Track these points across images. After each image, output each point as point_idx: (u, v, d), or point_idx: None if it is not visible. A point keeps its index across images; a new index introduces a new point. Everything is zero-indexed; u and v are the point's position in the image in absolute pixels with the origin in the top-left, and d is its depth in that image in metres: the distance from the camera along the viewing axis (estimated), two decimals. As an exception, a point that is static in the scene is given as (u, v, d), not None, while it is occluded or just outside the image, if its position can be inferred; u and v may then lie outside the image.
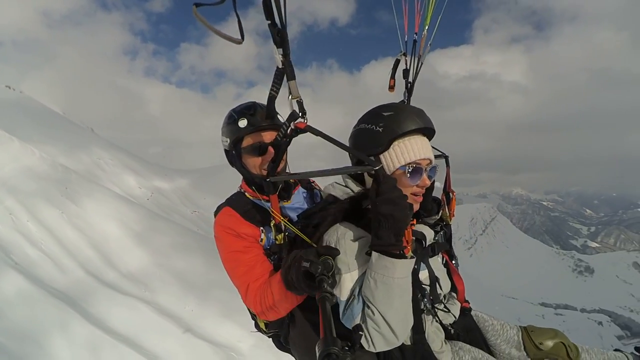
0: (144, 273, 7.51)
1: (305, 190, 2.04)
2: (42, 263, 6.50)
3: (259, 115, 1.79)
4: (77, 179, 10.49)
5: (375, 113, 1.56)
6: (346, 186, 1.59)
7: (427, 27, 2.02)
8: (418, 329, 1.55)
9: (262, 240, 1.78)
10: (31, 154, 10.32)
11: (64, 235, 7.43)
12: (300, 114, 1.36)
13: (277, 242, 1.76)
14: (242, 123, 1.77)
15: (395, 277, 1.28)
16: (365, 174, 1.57)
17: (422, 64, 2.07)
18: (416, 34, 2.06)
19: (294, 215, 1.84)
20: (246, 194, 1.90)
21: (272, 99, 1.40)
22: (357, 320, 1.34)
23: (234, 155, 1.88)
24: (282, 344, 2.07)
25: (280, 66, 1.27)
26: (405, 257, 1.31)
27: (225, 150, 1.92)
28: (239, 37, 1.20)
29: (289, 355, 2.12)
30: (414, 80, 2.08)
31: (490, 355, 1.74)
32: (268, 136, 1.81)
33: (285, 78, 1.30)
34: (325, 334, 0.92)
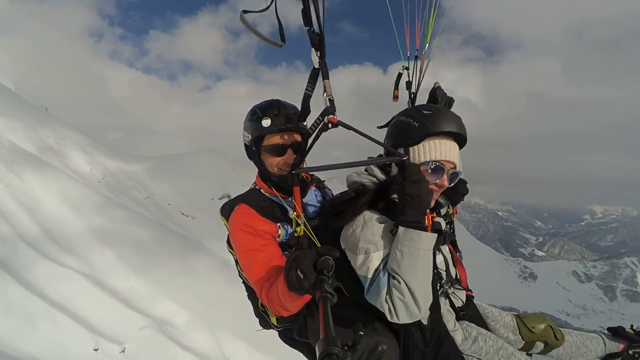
0: (84, 248, 7.73)
1: (317, 190, 2.08)
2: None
3: (282, 116, 1.79)
4: (24, 154, 10.39)
5: (417, 109, 1.63)
6: (372, 175, 1.68)
7: (427, 45, 2.25)
8: (435, 309, 1.63)
9: (279, 236, 1.80)
10: (-25, 127, 10.14)
11: (4, 207, 7.51)
12: (332, 110, 1.45)
13: (295, 234, 1.81)
14: (266, 122, 1.76)
15: (420, 248, 1.39)
16: (393, 164, 1.66)
17: (423, 76, 2.26)
18: (417, 50, 2.25)
19: (307, 210, 1.90)
20: (261, 190, 1.91)
21: (307, 97, 1.45)
22: (384, 293, 1.41)
23: (254, 152, 1.90)
24: (290, 339, 2.05)
25: (316, 66, 1.37)
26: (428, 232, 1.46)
27: (245, 145, 1.93)
28: (281, 41, 1.33)
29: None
30: (416, 91, 2.26)
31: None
32: (289, 138, 1.82)
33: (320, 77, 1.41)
34: (326, 334, 0.91)
